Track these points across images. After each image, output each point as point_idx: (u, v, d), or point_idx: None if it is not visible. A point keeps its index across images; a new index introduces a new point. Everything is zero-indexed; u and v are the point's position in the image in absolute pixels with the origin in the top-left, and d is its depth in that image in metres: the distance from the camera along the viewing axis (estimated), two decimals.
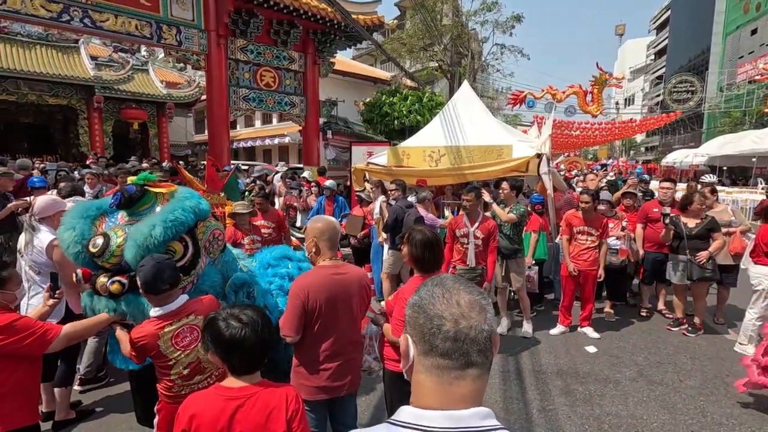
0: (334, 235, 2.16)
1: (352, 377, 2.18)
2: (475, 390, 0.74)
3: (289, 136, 18.70)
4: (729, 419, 3.19)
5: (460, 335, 0.73)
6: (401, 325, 2.19)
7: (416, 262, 2.32)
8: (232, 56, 10.22)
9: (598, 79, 16.52)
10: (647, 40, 55.08)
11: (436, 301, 0.77)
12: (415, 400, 0.77)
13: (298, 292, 2.01)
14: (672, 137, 35.98)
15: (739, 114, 22.74)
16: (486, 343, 0.75)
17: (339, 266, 2.14)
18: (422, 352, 0.76)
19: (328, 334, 2.09)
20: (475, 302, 0.76)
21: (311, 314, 2.02)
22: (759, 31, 25.38)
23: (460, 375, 0.74)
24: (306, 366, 2.10)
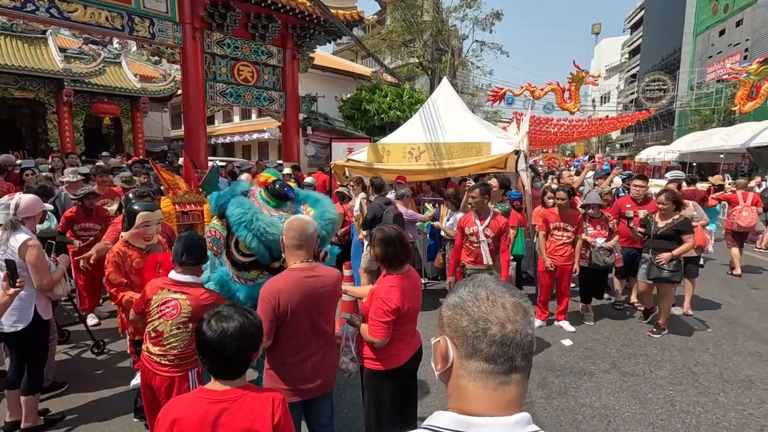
0: (306, 236, 2.10)
1: (326, 378, 2.16)
2: (519, 395, 0.74)
3: (269, 131, 18.45)
4: (695, 407, 3.32)
5: (506, 340, 0.72)
6: (378, 326, 2.19)
7: (381, 259, 2.32)
8: (209, 50, 9.99)
9: (576, 76, 16.84)
10: (622, 39, 56.45)
11: (481, 303, 0.75)
12: (458, 406, 0.74)
13: (268, 296, 1.98)
14: (645, 134, 37.03)
15: (708, 112, 23.55)
16: (530, 347, 0.74)
17: (312, 269, 2.10)
18: (465, 355, 0.74)
19: (300, 337, 2.06)
20: (520, 306, 0.75)
21: (282, 318, 1.99)
22: (727, 32, 26.29)
23: (505, 380, 0.72)
24: (278, 369, 2.08)
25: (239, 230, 2.52)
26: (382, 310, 2.17)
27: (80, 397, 3.37)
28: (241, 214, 2.54)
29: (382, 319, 2.17)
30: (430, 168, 6.61)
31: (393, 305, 2.15)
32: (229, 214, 2.59)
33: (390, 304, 2.15)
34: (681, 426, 3.10)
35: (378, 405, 2.37)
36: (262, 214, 2.59)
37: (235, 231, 2.55)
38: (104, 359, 4.02)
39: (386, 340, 2.21)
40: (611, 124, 22.90)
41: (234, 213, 2.55)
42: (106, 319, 4.89)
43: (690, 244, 4.36)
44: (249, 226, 2.52)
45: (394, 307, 2.16)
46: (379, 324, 2.18)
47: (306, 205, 2.92)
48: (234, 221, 2.54)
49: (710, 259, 7.44)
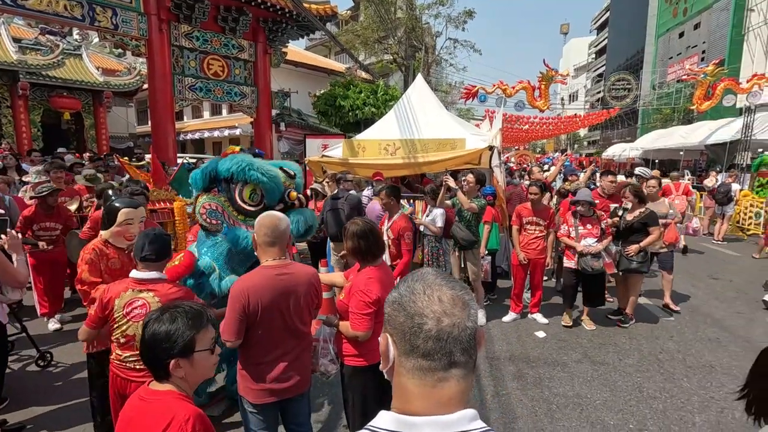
0: (279, 232, 2.05)
1: (301, 378, 2.12)
2: (460, 391, 0.71)
3: (241, 127, 18.04)
4: (662, 393, 3.46)
5: (443, 334, 0.69)
6: (361, 318, 2.17)
7: (355, 253, 2.31)
8: (176, 43, 9.65)
9: (545, 75, 17.17)
10: (589, 39, 58.13)
11: (417, 298, 0.72)
12: (399, 405, 0.72)
13: (237, 295, 1.92)
14: (611, 132, 38.35)
15: (669, 111, 24.58)
16: (470, 341, 0.71)
17: (285, 266, 2.05)
18: (403, 352, 0.72)
19: (273, 336, 2.01)
20: (458, 298, 0.72)
21: (253, 317, 1.94)
22: (686, 35, 27.49)
23: (444, 376, 0.70)
24: (251, 369, 2.03)
25: (248, 173, 2.63)
26: (363, 302, 2.16)
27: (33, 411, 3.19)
28: (239, 162, 2.66)
29: (364, 311, 2.16)
30: (406, 162, 6.61)
31: (374, 296, 2.16)
32: (226, 168, 2.67)
33: (371, 296, 2.16)
34: (648, 411, 3.22)
35: (363, 402, 2.35)
36: (254, 159, 2.74)
37: (242, 177, 2.65)
38: (59, 371, 3.82)
39: (370, 333, 2.20)
40: (579, 122, 23.61)
41: (233, 165, 2.66)
42: (68, 323, 4.66)
43: (656, 235, 4.53)
44: (252, 166, 2.65)
45: (375, 297, 2.16)
46: (362, 317, 2.17)
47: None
48: (237, 170, 2.64)
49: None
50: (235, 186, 2.72)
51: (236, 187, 2.72)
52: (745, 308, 5.41)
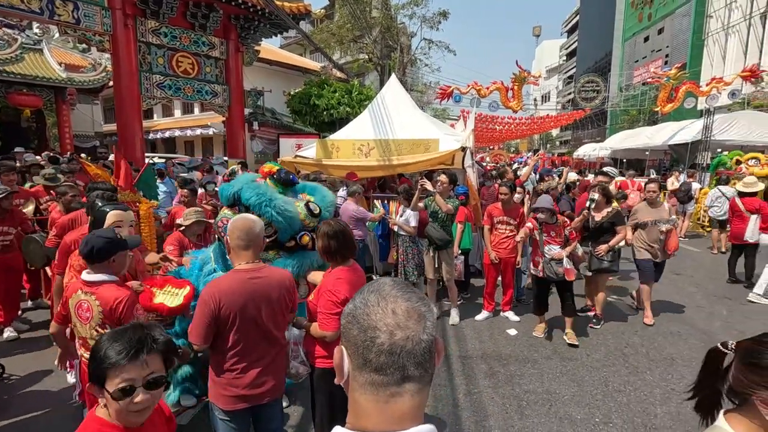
0: (253, 235, 2.02)
1: (275, 383, 2.09)
2: (414, 406, 0.67)
3: (213, 126, 17.62)
4: (626, 386, 3.58)
5: (395, 348, 0.66)
6: (329, 318, 2.16)
7: (325, 252, 2.31)
8: (143, 39, 9.35)
9: (518, 76, 17.47)
10: (560, 41, 59.66)
11: (371, 311, 0.69)
12: (352, 420, 0.70)
13: (207, 299, 1.88)
14: (582, 132, 39.49)
15: (635, 112, 25.51)
16: (424, 354, 0.68)
17: (258, 269, 2.03)
18: (356, 366, 0.69)
19: (246, 341, 1.98)
20: (413, 310, 0.69)
21: (225, 322, 1.91)
22: (650, 39, 28.58)
23: (397, 392, 0.67)
24: (224, 375, 1.99)
25: (263, 209, 2.75)
26: (331, 301, 2.16)
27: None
28: (260, 195, 2.79)
29: (332, 311, 2.15)
30: (380, 164, 6.60)
31: (342, 296, 2.16)
32: (247, 197, 2.78)
33: (339, 295, 2.16)
34: (614, 405, 3.32)
35: (331, 405, 2.34)
36: (276, 195, 2.87)
37: (257, 211, 2.74)
38: (11, 383, 3.63)
39: (338, 333, 2.17)
40: (551, 122, 24.16)
41: (253, 196, 2.78)
42: (25, 333, 4.44)
43: (623, 234, 4.60)
44: (270, 204, 2.77)
45: (343, 297, 2.16)
46: (330, 316, 2.16)
47: (305, 194, 3.18)
48: (255, 203, 2.76)
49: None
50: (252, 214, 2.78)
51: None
52: (704, 302, 5.65)
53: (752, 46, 19.72)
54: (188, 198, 5.05)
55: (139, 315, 2.09)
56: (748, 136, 14.63)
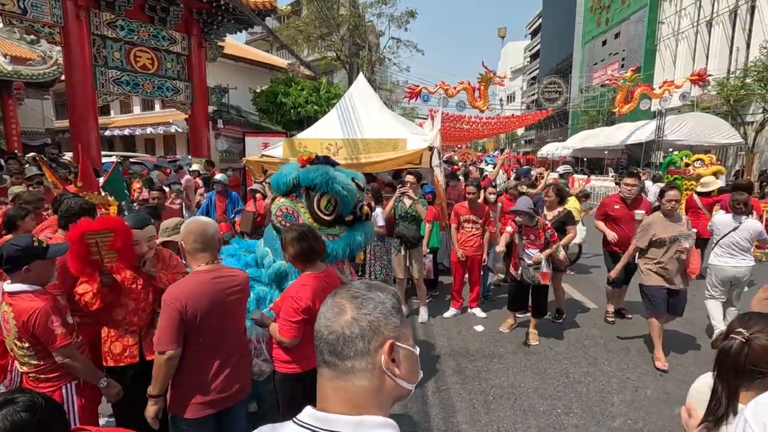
0: (208, 237, 2.01)
1: (241, 385, 2.07)
2: (332, 390, 0.74)
3: (176, 124, 17.04)
4: (585, 377, 3.74)
5: (318, 334, 0.76)
6: (288, 325, 2.14)
7: (296, 258, 2.28)
8: (98, 32, 8.90)
9: (484, 77, 17.86)
10: (525, 43, 61.35)
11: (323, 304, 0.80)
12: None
13: (172, 301, 1.83)
14: (546, 132, 40.80)
15: (594, 113, 26.59)
16: (336, 344, 0.73)
17: (218, 269, 2.02)
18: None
19: (213, 343, 1.95)
20: (336, 303, 0.77)
21: (191, 324, 1.86)
22: (608, 43, 29.87)
23: (320, 373, 0.76)
24: (189, 381, 1.93)
25: (331, 186, 2.80)
26: (292, 309, 2.13)
27: None
28: (323, 174, 2.82)
29: (293, 318, 2.12)
30: (348, 163, 6.57)
31: (304, 304, 2.12)
32: (312, 178, 2.81)
33: (300, 303, 2.12)
34: (574, 395, 3.46)
35: (291, 409, 2.30)
36: (336, 172, 2.92)
37: (324, 189, 2.81)
38: None
39: (296, 341, 2.16)
40: (516, 122, 24.86)
41: (317, 176, 2.81)
42: None
43: (573, 234, 4.66)
44: (335, 180, 2.82)
45: (305, 306, 2.12)
46: (289, 324, 2.13)
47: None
48: (321, 182, 2.79)
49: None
50: (315, 195, 2.85)
51: (315, 195, 2.85)
52: None
53: (699, 52, 20.98)
54: (159, 200, 4.85)
55: (55, 327, 1.91)
56: (696, 137, 15.56)
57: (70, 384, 2.03)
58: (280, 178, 2.92)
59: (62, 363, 1.95)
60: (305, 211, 2.86)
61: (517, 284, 4.45)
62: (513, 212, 4.27)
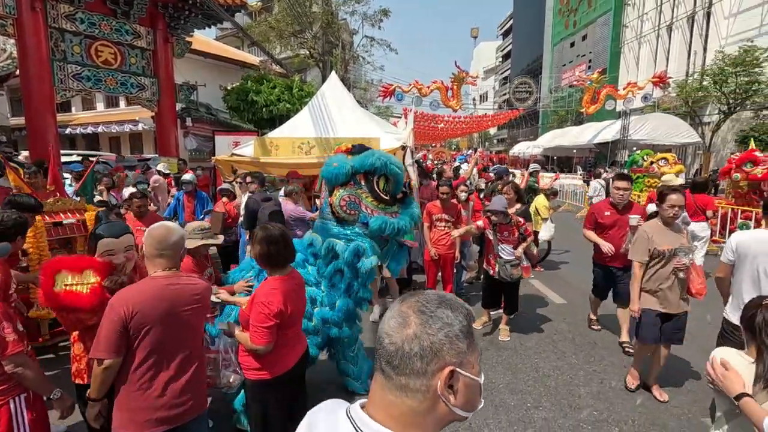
0: (167, 244, 1.90)
1: (197, 400, 1.94)
2: (380, 398, 0.74)
3: (142, 122, 16.42)
4: (554, 371, 3.83)
5: (379, 339, 0.75)
6: (261, 331, 2.08)
7: (262, 258, 2.23)
8: (55, 24, 8.47)
9: (457, 76, 18.07)
10: (497, 43, 62.40)
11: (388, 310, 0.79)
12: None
13: (117, 304, 1.71)
14: (517, 131, 41.69)
15: (563, 113, 27.39)
16: (394, 357, 0.71)
17: (175, 276, 1.92)
18: None
19: (165, 355, 1.82)
20: (404, 314, 0.74)
21: (137, 332, 1.73)
22: (575, 45, 30.76)
23: (375, 377, 0.76)
24: (137, 396, 1.78)
25: (389, 168, 2.95)
26: (263, 314, 2.07)
27: None
28: (380, 158, 2.95)
29: (265, 324, 2.06)
30: (320, 161, 6.50)
31: (275, 308, 2.07)
32: (371, 163, 2.92)
33: (272, 308, 2.07)
34: (543, 389, 3.54)
35: (265, 416, 2.25)
36: (388, 154, 3.08)
37: (384, 170, 2.95)
38: None
39: (270, 346, 2.10)
40: (489, 121, 25.27)
41: (375, 160, 2.93)
42: None
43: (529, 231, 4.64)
44: (392, 161, 2.99)
45: (277, 310, 2.07)
46: (262, 330, 2.07)
47: None
48: (380, 165, 2.92)
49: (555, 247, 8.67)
50: (374, 178, 2.96)
51: (374, 178, 2.97)
52: None
53: (660, 55, 21.89)
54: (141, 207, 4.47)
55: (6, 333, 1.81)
56: (658, 136, 16.25)
57: (19, 398, 1.91)
58: (338, 170, 2.94)
59: (13, 372, 1.83)
60: (366, 196, 2.98)
61: (491, 282, 4.51)
62: (489, 212, 4.35)
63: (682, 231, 3.36)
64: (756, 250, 2.61)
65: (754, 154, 6.62)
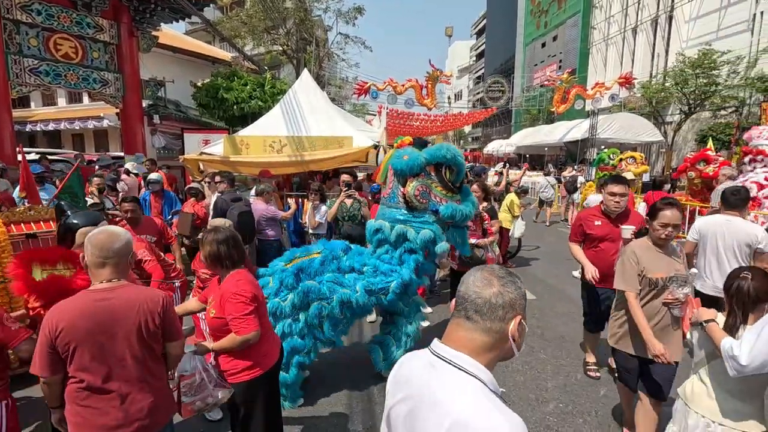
0: (114, 251, 1.76)
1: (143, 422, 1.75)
2: (467, 339, 1.00)
3: (107, 118, 15.77)
4: (523, 366, 3.91)
5: (465, 296, 1.02)
6: (245, 320, 2.08)
7: (216, 260, 2.20)
8: (9, 16, 8.04)
9: (432, 75, 18.19)
10: (471, 42, 63.09)
11: (468, 274, 1.06)
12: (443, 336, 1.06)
13: (44, 323, 1.63)
14: (491, 129, 42.37)
15: (535, 112, 27.98)
16: (483, 307, 0.98)
17: (110, 289, 1.73)
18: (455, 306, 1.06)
19: (96, 377, 1.67)
20: (488, 278, 1.01)
21: (65, 350, 1.63)
22: (546, 45, 31.47)
23: (459, 324, 1.02)
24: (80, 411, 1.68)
25: (457, 159, 3.23)
26: (241, 303, 2.09)
27: None
28: (449, 150, 3.24)
29: (246, 311, 2.09)
30: (292, 160, 6.44)
31: (249, 294, 2.12)
32: (442, 155, 3.19)
33: (246, 294, 2.11)
34: (512, 384, 3.62)
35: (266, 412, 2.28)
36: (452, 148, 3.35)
37: (453, 163, 3.23)
38: None
39: (259, 332, 2.13)
40: (463, 120, 25.54)
41: (447, 153, 3.21)
42: None
43: (496, 228, 4.82)
44: (458, 154, 3.27)
45: (251, 294, 2.13)
46: (246, 318, 2.09)
47: None
48: (450, 156, 3.20)
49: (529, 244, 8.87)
50: (442, 169, 3.24)
51: (443, 170, 3.25)
52: None
53: (626, 56, 22.65)
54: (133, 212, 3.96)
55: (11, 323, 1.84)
56: (624, 135, 16.82)
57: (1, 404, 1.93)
58: (412, 162, 3.18)
59: (26, 359, 1.81)
60: (436, 185, 3.25)
61: (456, 275, 4.60)
62: None
63: (677, 253, 2.62)
64: (714, 231, 3.35)
65: (707, 154, 6.93)
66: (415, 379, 1.04)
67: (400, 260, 3.31)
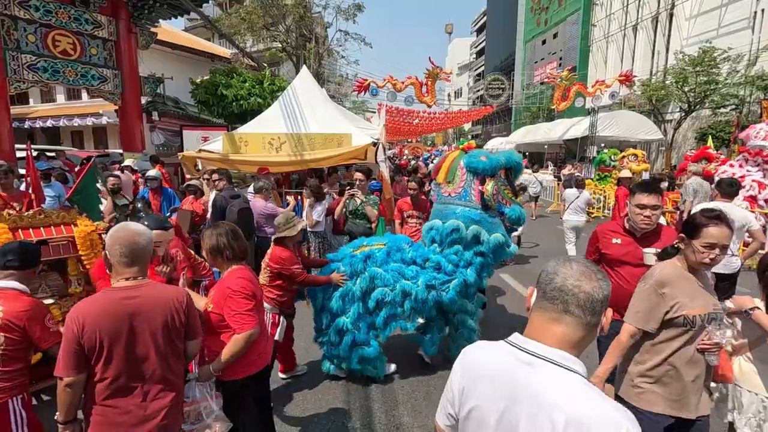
0: (140, 249, 1.75)
1: (162, 422, 1.75)
2: (565, 334, 0.97)
3: (106, 115, 15.76)
4: None
5: (565, 288, 0.98)
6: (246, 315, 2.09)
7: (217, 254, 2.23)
8: (7, 12, 8.02)
9: (431, 72, 18.14)
10: (471, 40, 62.92)
11: (558, 264, 1.03)
12: (526, 331, 1.04)
13: (70, 321, 1.62)
14: (491, 126, 42.33)
15: (535, 109, 27.94)
16: (587, 302, 0.96)
17: (136, 287, 1.73)
18: (537, 296, 1.04)
19: (121, 375, 1.68)
20: (587, 272, 1.00)
21: (92, 350, 1.63)
22: (547, 42, 31.39)
23: (556, 318, 0.98)
24: (102, 420, 1.68)
25: (521, 165, 3.51)
26: (243, 298, 2.10)
27: None
28: (519, 156, 3.47)
29: (247, 306, 2.10)
30: (291, 159, 6.43)
31: (249, 290, 2.14)
32: (516, 159, 3.41)
33: (246, 290, 2.13)
34: None
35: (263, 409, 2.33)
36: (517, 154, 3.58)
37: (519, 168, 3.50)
38: None
39: (259, 327, 2.14)
40: (463, 117, 25.51)
41: (518, 158, 3.44)
42: None
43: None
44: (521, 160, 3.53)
45: (251, 291, 2.14)
46: (248, 314, 2.10)
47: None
48: (518, 161, 3.44)
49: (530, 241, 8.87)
50: (511, 173, 3.43)
51: (511, 173, 3.43)
52: None
53: (626, 54, 22.61)
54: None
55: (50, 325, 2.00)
56: (624, 133, 16.80)
57: (16, 399, 1.98)
58: (494, 162, 3.30)
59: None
60: (505, 188, 3.39)
61: None
62: None
63: (708, 281, 2.00)
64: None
65: (708, 152, 6.94)
66: (506, 378, 0.99)
67: (468, 261, 3.36)
